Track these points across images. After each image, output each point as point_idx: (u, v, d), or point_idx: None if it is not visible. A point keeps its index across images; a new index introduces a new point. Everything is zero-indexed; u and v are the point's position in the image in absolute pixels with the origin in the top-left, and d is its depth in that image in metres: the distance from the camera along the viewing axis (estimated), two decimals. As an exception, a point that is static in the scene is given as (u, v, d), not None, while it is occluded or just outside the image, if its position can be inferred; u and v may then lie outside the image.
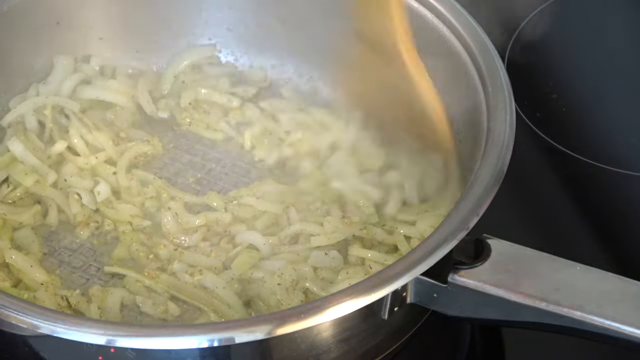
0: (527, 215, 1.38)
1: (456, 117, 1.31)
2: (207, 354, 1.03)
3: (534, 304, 1.06)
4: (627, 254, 1.33)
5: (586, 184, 1.41)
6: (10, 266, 1.22)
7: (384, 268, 1.04)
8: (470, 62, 1.25)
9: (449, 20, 1.29)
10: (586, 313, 1.04)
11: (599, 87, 1.54)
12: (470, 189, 1.10)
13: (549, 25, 1.62)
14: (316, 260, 1.22)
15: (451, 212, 1.09)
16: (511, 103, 1.19)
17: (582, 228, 1.37)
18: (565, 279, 1.07)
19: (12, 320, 1.00)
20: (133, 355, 1.02)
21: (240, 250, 1.24)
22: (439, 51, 1.31)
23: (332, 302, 1.00)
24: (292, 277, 1.19)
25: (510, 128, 1.16)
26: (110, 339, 0.98)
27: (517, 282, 1.07)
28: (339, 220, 1.26)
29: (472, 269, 1.07)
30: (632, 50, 1.59)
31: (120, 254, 1.26)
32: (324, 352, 1.08)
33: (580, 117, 1.49)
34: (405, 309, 1.10)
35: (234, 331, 0.98)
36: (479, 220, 1.07)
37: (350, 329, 1.08)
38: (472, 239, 1.10)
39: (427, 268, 1.03)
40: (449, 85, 1.31)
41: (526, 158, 1.41)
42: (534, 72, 1.55)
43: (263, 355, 1.07)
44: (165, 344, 0.99)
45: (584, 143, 1.45)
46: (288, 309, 1.00)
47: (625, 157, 1.43)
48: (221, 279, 1.20)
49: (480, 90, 1.22)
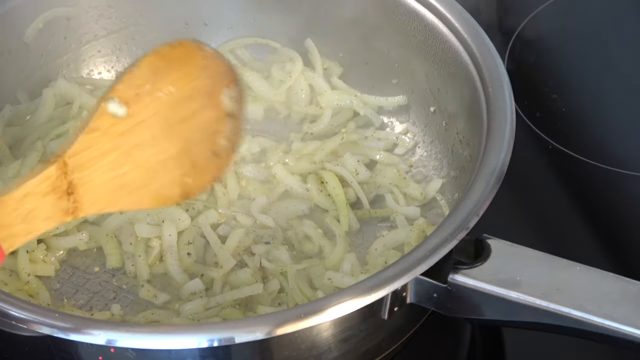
0: (527, 215, 1.38)
1: (456, 117, 1.31)
2: (207, 354, 1.03)
3: (534, 304, 1.06)
4: (627, 254, 1.33)
5: (586, 184, 1.41)
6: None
7: (384, 268, 1.04)
8: (471, 62, 1.25)
9: (449, 20, 1.29)
10: (586, 313, 1.04)
11: (599, 87, 1.54)
12: (470, 189, 1.10)
13: (549, 25, 1.62)
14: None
15: (451, 212, 1.09)
16: (511, 103, 1.19)
17: (582, 228, 1.37)
18: (565, 279, 1.07)
19: (12, 320, 1.00)
20: (133, 355, 1.02)
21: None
22: (439, 51, 1.31)
23: (332, 302, 1.00)
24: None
25: (510, 128, 1.16)
26: (110, 339, 0.98)
27: (517, 282, 1.07)
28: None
29: (472, 269, 1.07)
30: (632, 50, 1.59)
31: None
32: (324, 352, 1.08)
33: (580, 117, 1.49)
34: (405, 309, 1.10)
35: (234, 331, 0.99)
36: (479, 220, 1.07)
37: (350, 329, 1.08)
38: (472, 239, 1.10)
39: (427, 268, 1.03)
40: (449, 85, 1.31)
41: (526, 158, 1.42)
42: (534, 72, 1.55)
43: (263, 355, 1.07)
44: (165, 344, 0.99)
45: (584, 143, 1.45)
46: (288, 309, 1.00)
47: (625, 157, 1.43)
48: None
49: (480, 90, 1.22)
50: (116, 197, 0.96)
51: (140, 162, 0.96)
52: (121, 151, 0.95)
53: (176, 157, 1.00)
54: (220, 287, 1.23)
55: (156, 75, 0.98)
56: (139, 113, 0.96)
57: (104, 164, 0.94)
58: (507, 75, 1.22)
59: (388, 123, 1.42)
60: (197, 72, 1.00)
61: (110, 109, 0.94)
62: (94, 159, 0.93)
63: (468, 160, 1.26)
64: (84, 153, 0.93)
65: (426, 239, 1.05)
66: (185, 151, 1.00)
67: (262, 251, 1.26)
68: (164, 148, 0.98)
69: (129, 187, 0.97)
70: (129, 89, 0.96)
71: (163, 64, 0.99)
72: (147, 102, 0.96)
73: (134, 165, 0.96)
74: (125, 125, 0.95)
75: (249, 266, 1.24)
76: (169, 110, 0.98)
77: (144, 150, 0.96)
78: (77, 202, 0.93)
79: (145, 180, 0.98)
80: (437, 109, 1.36)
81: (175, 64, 0.99)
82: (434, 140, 1.37)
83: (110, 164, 0.95)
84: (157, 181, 0.99)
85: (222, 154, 1.03)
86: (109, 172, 0.95)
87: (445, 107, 1.34)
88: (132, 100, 0.95)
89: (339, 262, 1.25)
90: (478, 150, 1.16)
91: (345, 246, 1.27)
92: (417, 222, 1.29)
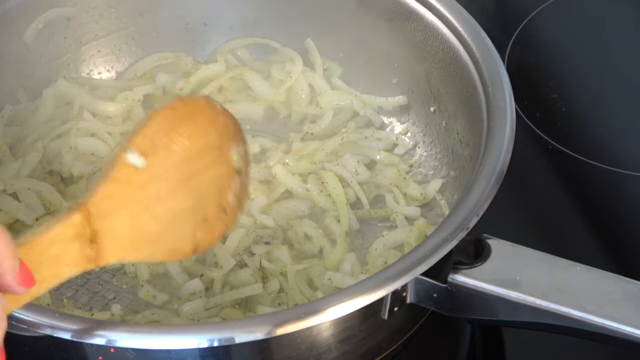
0: (527, 215, 1.38)
1: (456, 117, 1.31)
2: (207, 354, 1.03)
3: (534, 304, 1.06)
4: (627, 254, 1.33)
5: (586, 184, 1.41)
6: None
7: (384, 268, 1.04)
8: (471, 62, 1.25)
9: (449, 20, 1.29)
10: (586, 313, 1.04)
11: (599, 87, 1.54)
12: (470, 189, 1.10)
13: (549, 25, 1.62)
14: None
15: (451, 212, 1.09)
16: (511, 103, 1.19)
17: (582, 228, 1.37)
18: (565, 279, 1.07)
19: (12, 320, 1.00)
20: (133, 355, 1.02)
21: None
22: (439, 51, 1.31)
23: (332, 302, 1.00)
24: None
25: (510, 128, 1.16)
26: (111, 339, 0.98)
27: (517, 282, 1.07)
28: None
29: (472, 269, 1.07)
30: (632, 50, 1.59)
31: None
32: (324, 352, 1.08)
33: (580, 117, 1.49)
34: (405, 309, 1.10)
35: (234, 331, 0.99)
36: (479, 220, 1.07)
37: (350, 329, 1.08)
38: (472, 239, 1.10)
39: (427, 268, 1.03)
40: (449, 86, 1.31)
41: (526, 158, 1.41)
42: (534, 72, 1.55)
43: (263, 355, 1.07)
44: (165, 344, 0.99)
45: (584, 143, 1.45)
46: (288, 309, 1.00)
47: (625, 157, 1.43)
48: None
49: (480, 90, 1.22)
50: (135, 247, 0.99)
51: (158, 213, 0.99)
52: (140, 202, 0.98)
53: (190, 211, 1.03)
54: (220, 287, 1.23)
55: (171, 129, 1.01)
56: (156, 165, 0.99)
57: (124, 213, 0.97)
58: (507, 75, 1.22)
59: (388, 123, 1.42)
60: (208, 127, 1.04)
61: (129, 159, 0.98)
62: (115, 207, 0.96)
63: (468, 160, 1.26)
64: (106, 202, 0.95)
65: (426, 239, 1.05)
66: (198, 205, 1.03)
67: (262, 251, 1.26)
68: (179, 201, 1.01)
69: (147, 239, 1.00)
70: (146, 141, 0.99)
71: (176, 117, 1.02)
72: (164, 156, 1.00)
73: (151, 216, 0.99)
74: (144, 177, 0.98)
75: (249, 266, 1.24)
76: (184, 163, 1.01)
77: (161, 203, 1.00)
78: (99, 251, 0.95)
79: (162, 232, 1.00)
80: (437, 109, 1.36)
81: (188, 118, 1.03)
82: (434, 140, 1.37)
83: (130, 213, 0.97)
84: (173, 234, 1.02)
85: (229, 211, 1.06)
86: (129, 221, 0.97)
87: (445, 107, 1.34)
88: (149, 151, 0.99)
89: (339, 262, 1.25)
90: (478, 150, 1.16)
91: (345, 246, 1.27)
92: (417, 222, 1.29)
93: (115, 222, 0.96)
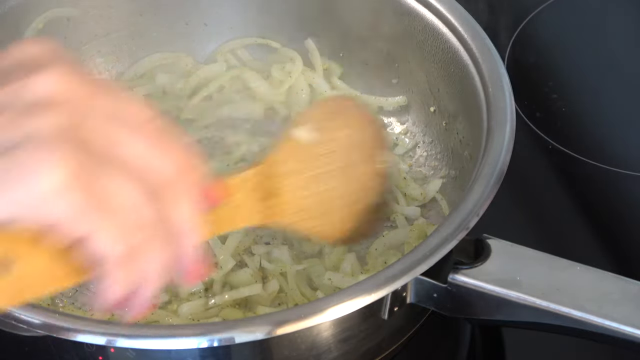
0: (527, 215, 1.38)
1: (456, 117, 1.31)
2: (207, 354, 1.03)
3: (534, 304, 1.06)
4: (627, 254, 1.33)
5: (586, 184, 1.41)
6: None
7: (384, 268, 1.04)
8: (471, 62, 1.25)
9: (449, 20, 1.29)
10: (586, 313, 1.04)
11: (599, 87, 1.54)
12: (470, 189, 1.10)
13: (549, 25, 1.62)
14: None
15: (451, 212, 1.09)
16: (511, 103, 1.19)
17: (582, 228, 1.36)
18: (565, 279, 1.07)
19: (12, 320, 1.00)
20: (133, 355, 1.02)
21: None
22: (439, 51, 1.31)
23: (332, 302, 1.00)
24: None
25: (510, 128, 1.16)
26: (110, 339, 0.98)
27: (517, 282, 1.07)
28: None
29: (472, 269, 1.07)
30: (632, 50, 1.59)
31: None
32: (324, 352, 1.08)
33: (580, 117, 1.49)
34: (405, 309, 1.10)
35: (234, 331, 0.98)
36: (479, 220, 1.07)
37: (350, 329, 1.08)
38: (472, 239, 1.10)
39: (427, 268, 1.03)
40: (449, 86, 1.31)
41: (526, 158, 1.41)
42: (534, 72, 1.55)
43: (263, 355, 1.07)
44: (165, 344, 0.99)
45: (584, 143, 1.45)
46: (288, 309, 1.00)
47: (625, 157, 1.43)
48: None
49: (480, 90, 1.22)
50: (299, 217, 1.04)
51: (317, 191, 1.05)
52: (303, 176, 1.04)
53: (343, 199, 1.08)
54: (219, 288, 1.23)
55: (335, 116, 1.08)
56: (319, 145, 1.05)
57: (291, 182, 1.02)
58: (507, 75, 1.22)
59: (388, 123, 1.42)
60: (368, 125, 1.10)
61: (297, 133, 1.04)
62: (284, 174, 1.01)
63: (468, 160, 1.26)
64: (277, 166, 1.01)
65: (426, 239, 1.05)
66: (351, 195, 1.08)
67: (262, 251, 1.26)
68: (336, 186, 1.06)
69: (307, 213, 1.04)
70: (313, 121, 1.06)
71: (341, 108, 1.09)
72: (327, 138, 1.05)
73: (312, 192, 1.04)
74: (308, 154, 1.04)
75: (249, 266, 1.24)
76: (343, 151, 1.07)
77: (320, 182, 1.05)
78: (272, 208, 1.00)
79: (319, 210, 1.05)
80: (437, 109, 1.36)
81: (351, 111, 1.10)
82: (434, 140, 1.37)
83: (295, 184, 1.03)
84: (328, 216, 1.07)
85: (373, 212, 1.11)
86: (294, 191, 1.02)
87: (445, 107, 1.34)
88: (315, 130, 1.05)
89: (338, 262, 1.25)
90: (478, 150, 1.16)
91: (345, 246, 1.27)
92: (417, 222, 1.29)
93: (284, 186, 1.00)
